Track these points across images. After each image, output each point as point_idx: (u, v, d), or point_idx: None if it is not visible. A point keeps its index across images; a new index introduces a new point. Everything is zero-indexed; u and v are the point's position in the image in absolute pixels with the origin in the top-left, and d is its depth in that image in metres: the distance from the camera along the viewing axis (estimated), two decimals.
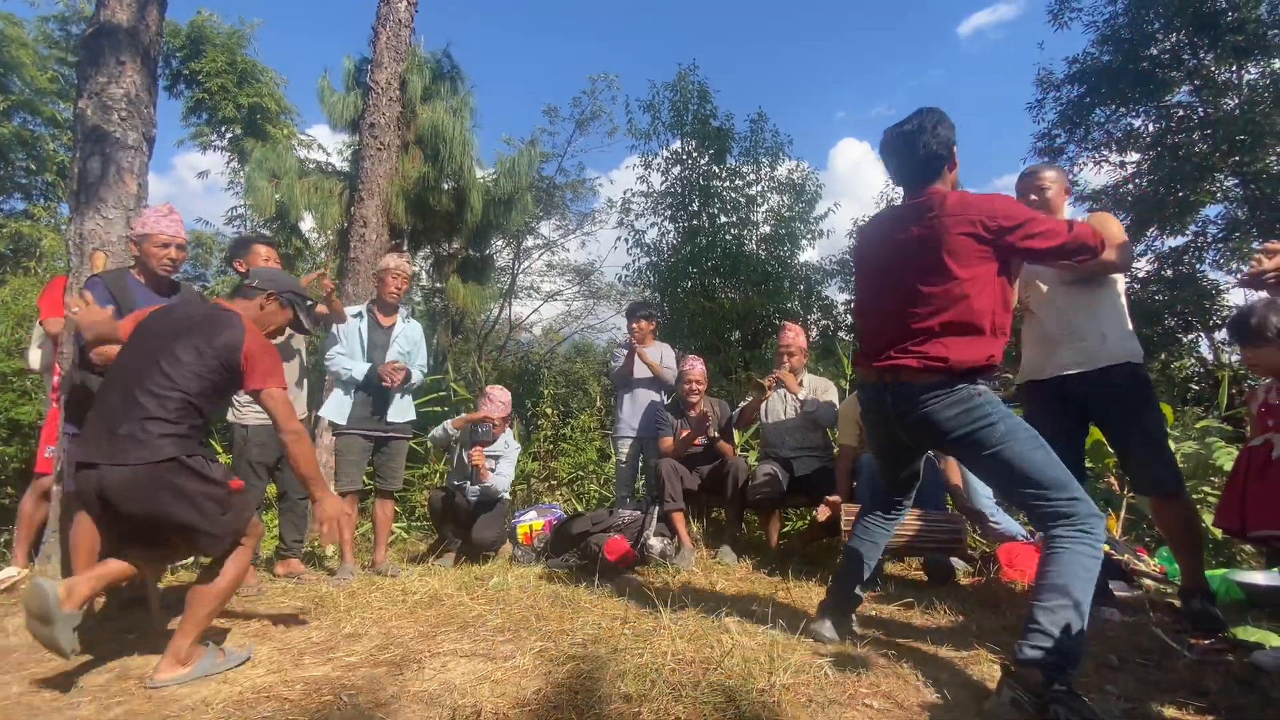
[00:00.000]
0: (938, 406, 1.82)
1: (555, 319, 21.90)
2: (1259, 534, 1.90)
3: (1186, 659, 2.00)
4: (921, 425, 1.88)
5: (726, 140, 9.35)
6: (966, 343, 1.81)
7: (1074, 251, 1.83)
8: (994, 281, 1.82)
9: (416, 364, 3.71)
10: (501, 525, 3.95)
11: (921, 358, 1.84)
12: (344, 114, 5.96)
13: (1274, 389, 1.94)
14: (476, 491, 3.81)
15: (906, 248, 1.92)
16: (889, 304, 1.97)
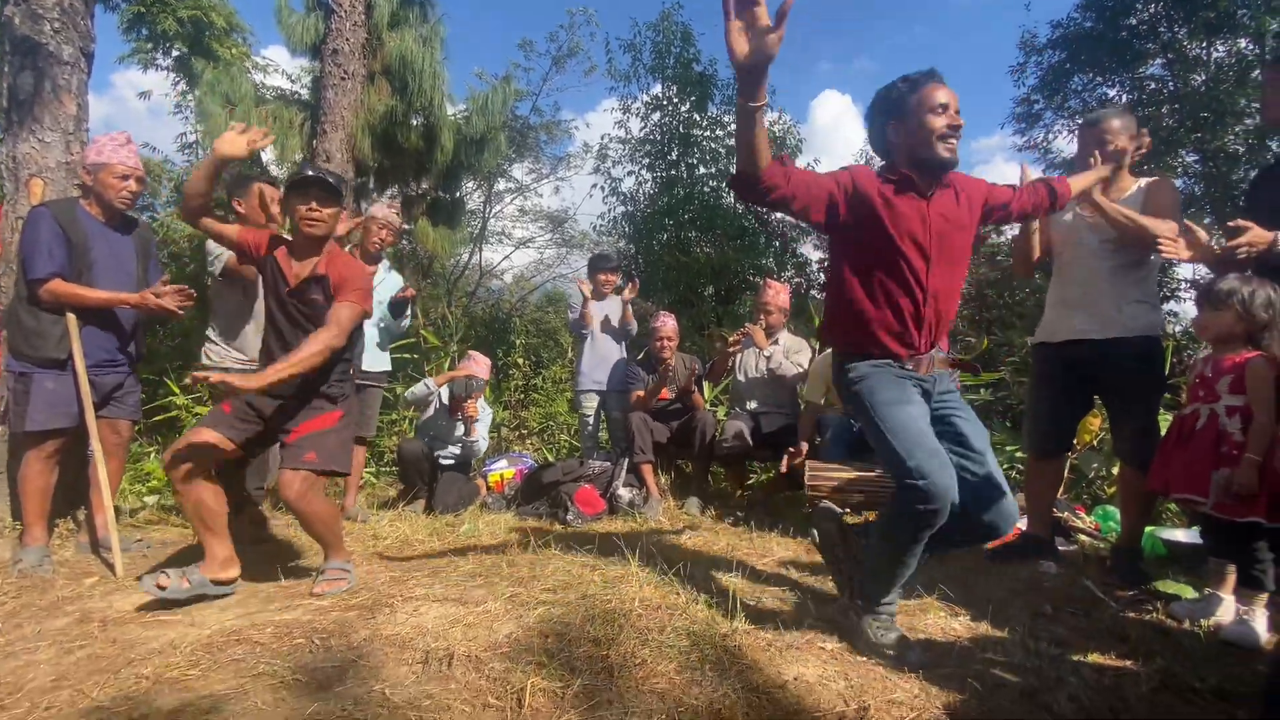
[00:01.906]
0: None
1: (527, 267, 21.55)
2: (1180, 496, 2.04)
3: (1112, 609, 2.18)
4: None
5: (709, 88, 9.12)
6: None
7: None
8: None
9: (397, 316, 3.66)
10: (463, 491, 3.98)
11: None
12: (304, 37, 5.59)
13: (1210, 362, 2.05)
14: (455, 453, 3.84)
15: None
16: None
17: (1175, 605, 2.10)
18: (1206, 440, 1.96)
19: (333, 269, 2.31)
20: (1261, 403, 1.88)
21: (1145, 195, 2.47)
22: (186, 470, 2.17)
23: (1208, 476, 1.93)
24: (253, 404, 2.28)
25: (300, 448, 2.27)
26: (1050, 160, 8.95)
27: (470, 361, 3.96)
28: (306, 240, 2.30)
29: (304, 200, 2.24)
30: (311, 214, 2.25)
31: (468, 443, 3.81)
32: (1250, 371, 1.91)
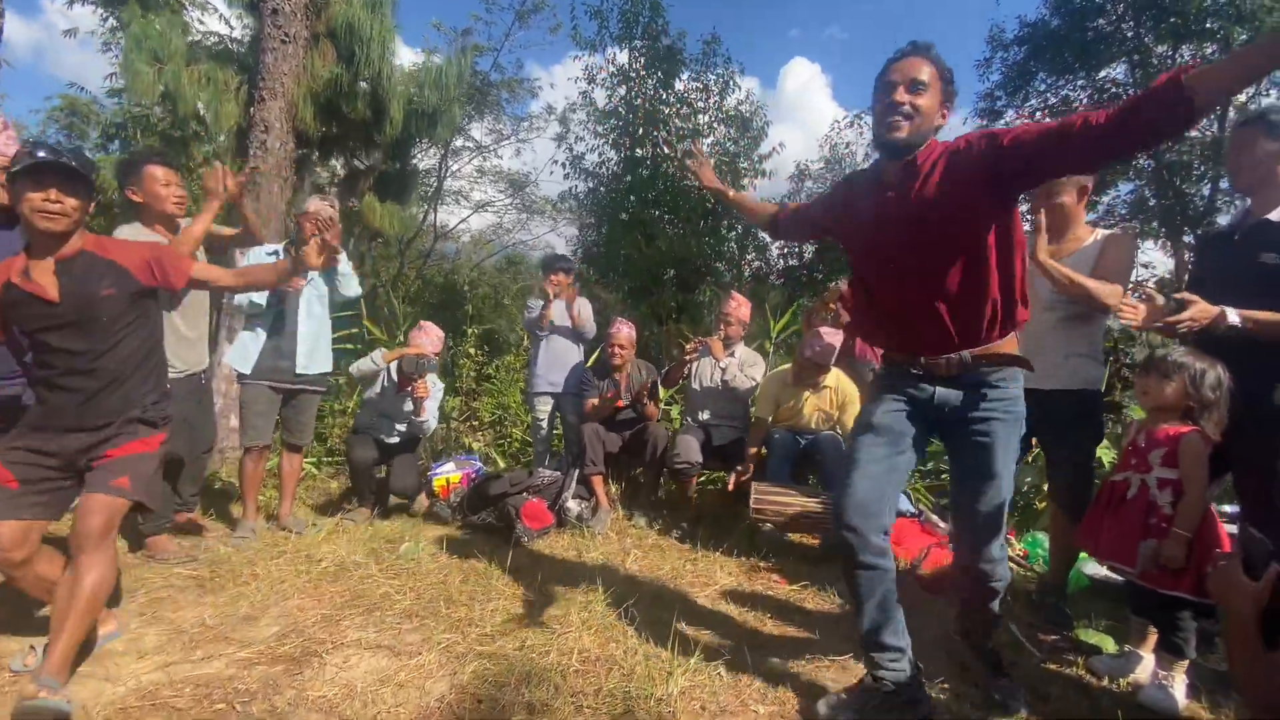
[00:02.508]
0: None
1: (485, 230, 20.94)
2: (1108, 563, 2.11)
3: (1036, 658, 2.26)
4: None
5: (676, 64, 8.82)
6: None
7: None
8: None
9: (337, 300, 3.46)
10: (419, 472, 3.91)
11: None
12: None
13: (1144, 431, 2.10)
14: (402, 430, 3.70)
15: None
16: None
17: (1095, 660, 2.19)
18: (1137, 510, 2.02)
19: (123, 254, 1.95)
20: (1194, 480, 1.93)
21: (1100, 250, 2.48)
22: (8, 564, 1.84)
23: (1136, 545, 1.99)
24: (44, 449, 1.88)
25: (111, 471, 1.88)
26: None
27: (420, 333, 3.78)
28: (46, 239, 1.84)
29: (39, 188, 1.78)
30: (50, 205, 1.79)
31: (416, 421, 3.69)
32: (1185, 448, 1.96)
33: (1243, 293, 2.04)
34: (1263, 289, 2.02)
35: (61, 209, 1.82)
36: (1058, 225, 2.59)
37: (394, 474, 3.73)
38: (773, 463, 3.54)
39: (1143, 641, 2.14)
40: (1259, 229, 2.09)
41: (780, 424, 3.66)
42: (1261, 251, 2.06)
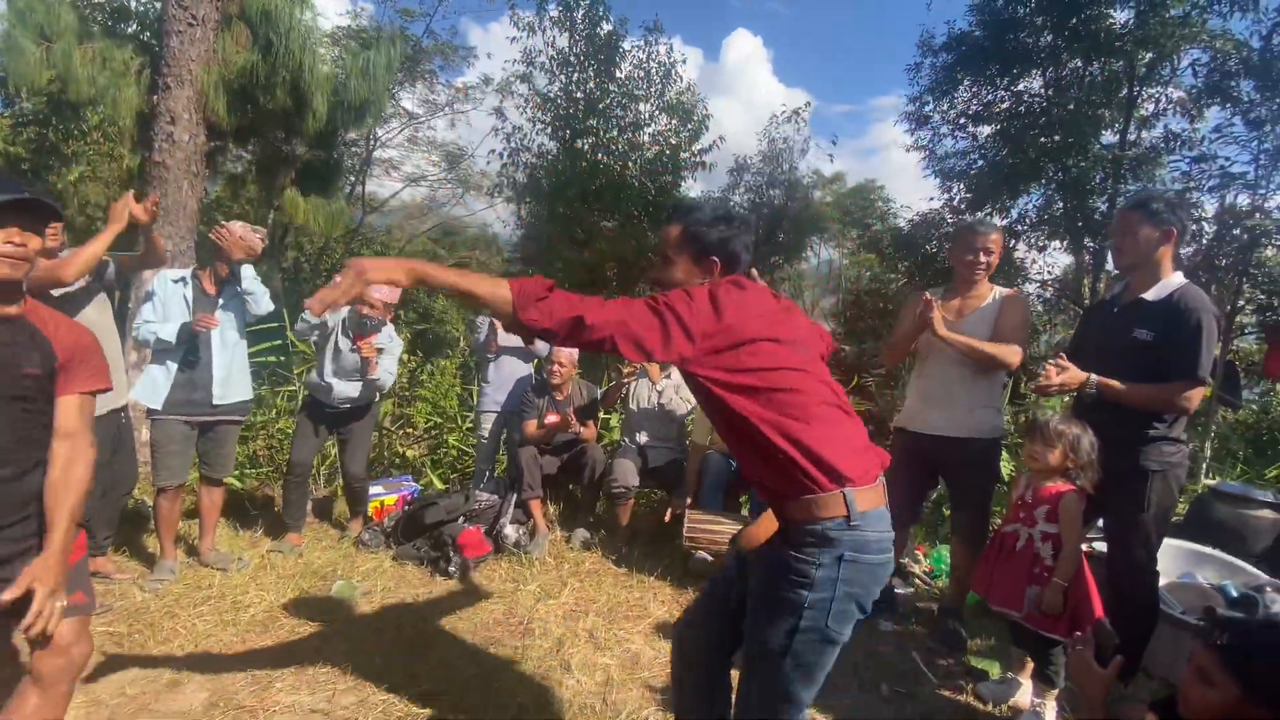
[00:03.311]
0: None
1: (421, 203, 20.15)
2: (997, 608, 2.36)
3: (933, 684, 2.51)
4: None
5: (616, 51, 8.68)
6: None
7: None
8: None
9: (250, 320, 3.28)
10: (368, 455, 3.84)
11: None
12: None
13: (1030, 487, 2.34)
14: (351, 396, 3.52)
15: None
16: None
17: (982, 686, 2.46)
18: (1024, 560, 2.26)
19: (56, 330, 1.63)
20: (1071, 536, 2.18)
21: (999, 309, 2.70)
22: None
23: (1022, 591, 2.23)
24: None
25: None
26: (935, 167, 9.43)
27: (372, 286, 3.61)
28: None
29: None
30: (14, 248, 1.50)
31: (368, 380, 3.49)
32: (1064, 508, 2.20)
33: (1116, 362, 2.29)
34: (1134, 360, 2.27)
35: (24, 253, 1.53)
36: (972, 281, 2.80)
37: (347, 455, 3.68)
38: (707, 486, 3.68)
39: (1022, 669, 2.42)
40: (1134, 306, 2.34)
41: (715, 447, 3.81)
42: (1135, 327, 2.29)
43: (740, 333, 1.38)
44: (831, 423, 1.42)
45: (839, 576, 1.36)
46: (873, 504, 1.40)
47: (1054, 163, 7.99)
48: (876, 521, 1.41)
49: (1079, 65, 8.41)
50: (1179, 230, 2.29)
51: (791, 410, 1.38)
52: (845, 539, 1.36)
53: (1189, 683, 1.42)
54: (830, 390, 1.48)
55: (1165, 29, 7.48)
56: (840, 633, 1.40)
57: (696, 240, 1.54)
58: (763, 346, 1.40)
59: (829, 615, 1.37)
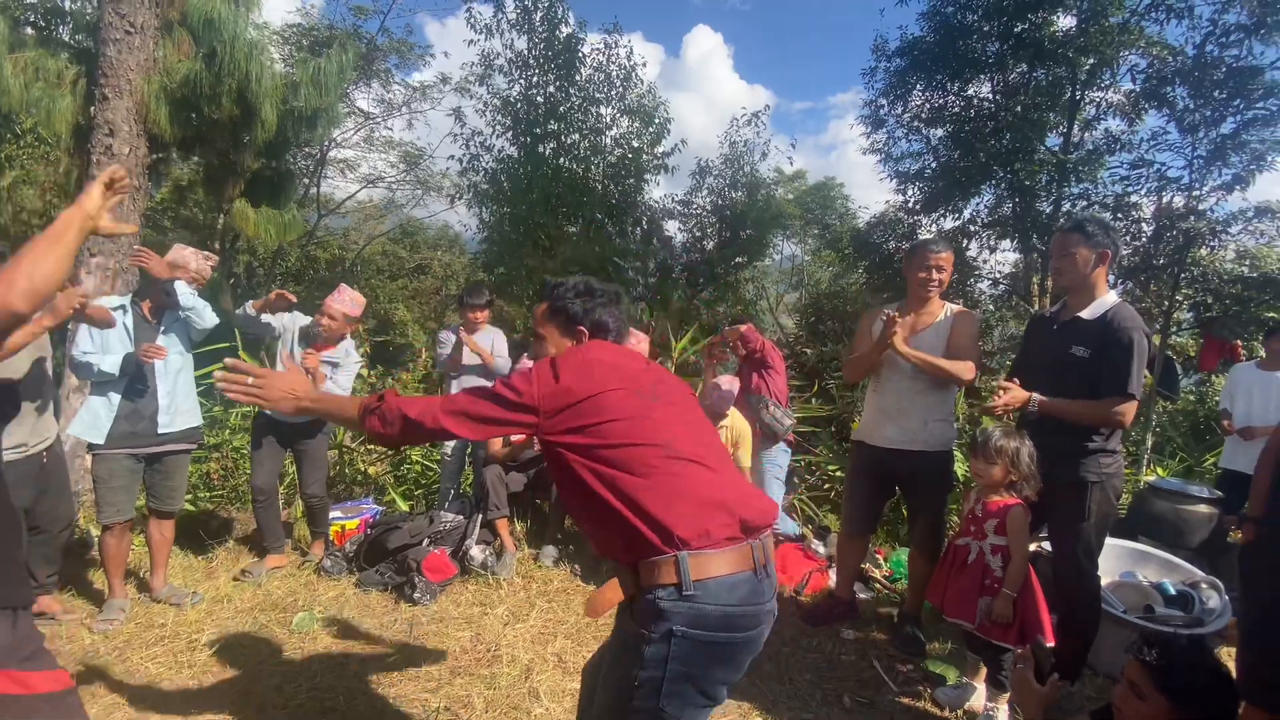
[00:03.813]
0: None
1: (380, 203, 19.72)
2: (952, 619, 2.44)
3: (894, 691, 2.59)
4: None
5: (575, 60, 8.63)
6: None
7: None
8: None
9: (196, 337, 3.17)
10: (327, 473, 3.76)
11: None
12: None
13: (980, 502, 2.43)
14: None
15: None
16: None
17: (939, 692, 2.55)
18: (975, 573, 2.35)
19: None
20: (1018, 549, 2.28)
21: (951, 325, 2.79)
22: None
23: (975, 603, 2.32)
24: None
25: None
26: (891, 169, 9.65)
27: (338, 294, 3.45)
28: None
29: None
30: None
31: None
32: (1010, 520, 2.30)
33: (1056, 376, 2.40)
34: (1071, 374, 2.38)
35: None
36: (924, 298, 2.88)
37: (304, 473, 3.59)
38: None
39: (976, 673, 2.52)
40: (1072, 325, 2.44)
41: None
42: (1073, 344, 2.40)
43: (580, 390, 1.37)
44: (677, 476, 1.32)
45: (669, 654, 1.24)
46: (721, 571, 1.25)
47: (1003, 166, 8.27)
48: (723, 592, 1.25)
49: (1025, 70, 8.71)
50: (1113, 252, 2.40)
51: (630, 465, 1.32)
52: (677, 611, 1.23)
53: (1122, 696, 1.51)
54: (688, 443, 1.40)
55: (1105, 36, 7.80)
56: (680, 712, 1.28)
57: (562, 312, 1.60)
58: (605, 400, 1.37)
59: (660, 696, 1.25)
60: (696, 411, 1.57)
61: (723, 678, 1.31)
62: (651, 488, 1.30)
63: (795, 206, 15.60)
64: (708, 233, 10.14)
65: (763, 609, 1.32)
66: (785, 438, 3.97)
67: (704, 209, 10.08)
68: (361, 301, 3.58)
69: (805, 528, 4.23)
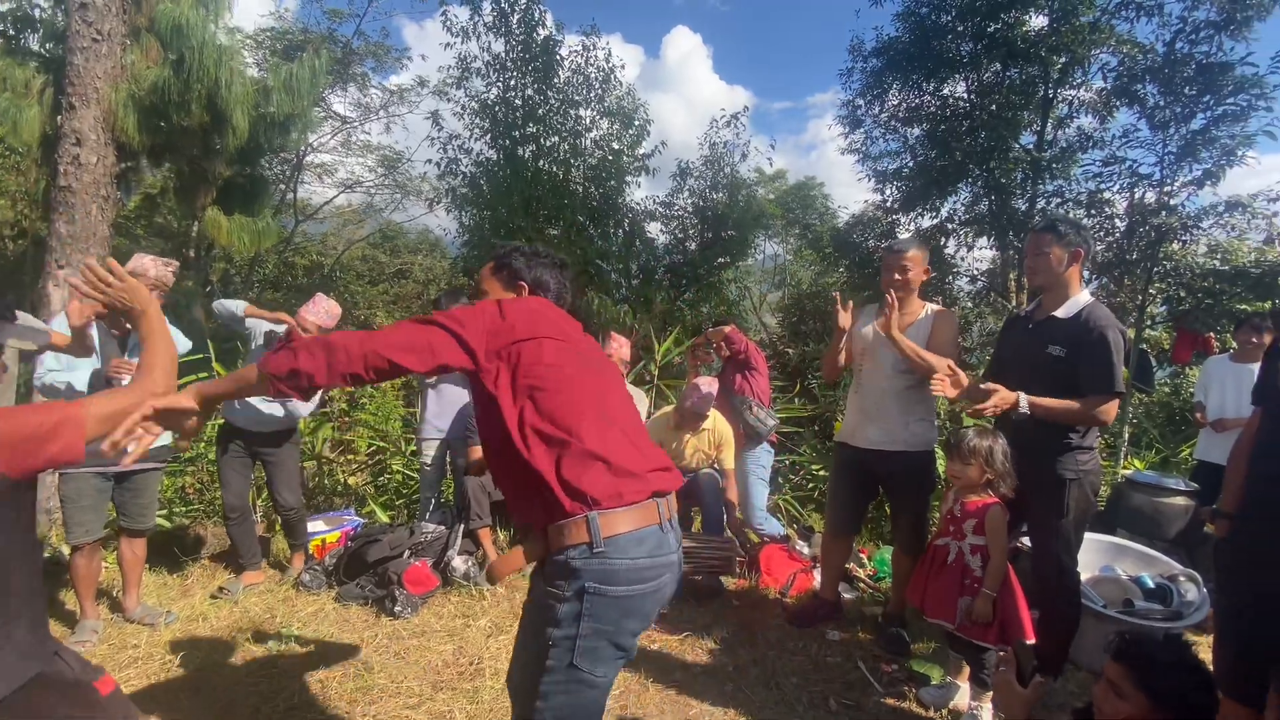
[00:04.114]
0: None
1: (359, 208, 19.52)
2: (933, 619, 2.45)
3: (879, 693, 2.60)
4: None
5: (553, 62, 8.58)
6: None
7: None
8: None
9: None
10: (301, 485, 3.66)
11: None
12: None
13: (959, 501, 2.44)
14: (274, 414, 3.32)
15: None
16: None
17: (924, 691, 2.56)
18: (954, 573, 2.36)
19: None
20: (996, 548, 2.29)
21: (931, 325, 2.81)
22: None
23: (955, 603, 2.33)
24: None
25: None
26: (869, 169, 9.72)
27: (311, 304, 3.38)
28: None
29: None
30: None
31: (283, 400, 3.21)
32: (989, 520, 2.31)
33: (1033, 375, 2.42)
34: (1048, 373, 2.40)
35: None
36: (900, 299, 2.89)
37: (277, 485, 3.51)
38: None
39: (960, 672, 2.52)
40: (1047, 324, 2.46)
41: None
42: (1049, 343, 2.42)
43: (522, 330, 1.39)
44: (598, 438, 1.35)
45: (582, 611, 1.27)
46: (627, 527, 1.30)
47: (978, 165, 8.36)
48: (630, 547, 1.30)
49: (999, 70, 8.81)
50: (1085, 250, 2.43)
51: (555, 416, 1.34)
52: (589, 569, 1.27)
53: (1102, 695, 1.51)
54: (616, 410, 1.44)
55: (1077, 35, 7.91)
56: (594, 673, 1.30)
57: (507, 268, 1.65)
58: (545, 346, 1.39)
59: (575, 654, 1.28)
60: (623, 387, 1.64)
61: (633, 628, 1.35)
62: (572, 445, 1.32)
63: (776, 206, 15.64)
64: (690, 234, 10.14)
65: (668, 560, 1.38)
66: (768, 438, 3.98)
67: (686, 210, 10.07)
68: (336, 312, 3.52)
69: (790, 528, 4.23)
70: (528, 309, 1.45)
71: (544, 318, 1.45)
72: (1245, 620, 1.83)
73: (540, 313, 1.46)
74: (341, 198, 18.24)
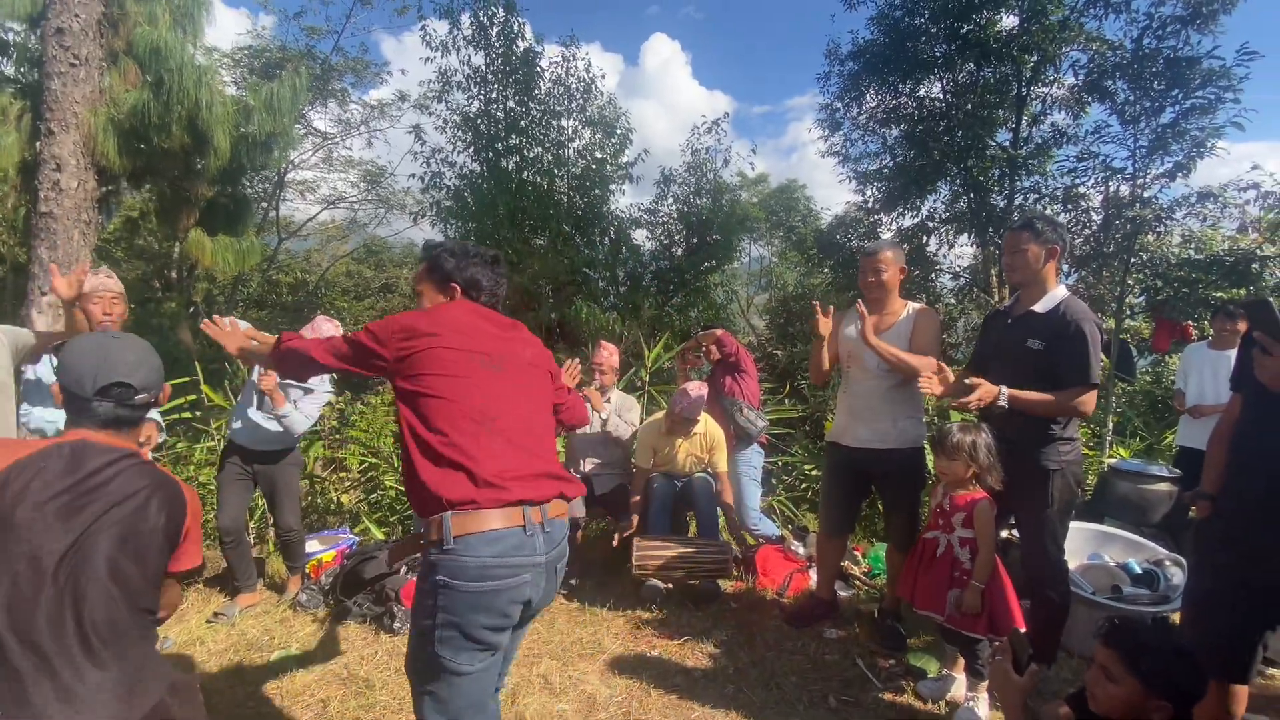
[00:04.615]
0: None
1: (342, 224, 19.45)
2: (922, 611, 2.49)
3: (878, 688, 2.63)
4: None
5: (533, 74, 8.64)
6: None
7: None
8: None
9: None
10: (300, 505, 3.66)
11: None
12: (17, 6, 4.30)
13: (948, 495, 2.49)
14: (277, 431, 3.30)
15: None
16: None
17: (921, 684, 2.60)
18: (944, 566, 2.40)
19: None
20: (985, 540, 2.33)
21: (913, 323, 2.86)
22: None
23: (944, 595, 2.37)
24: None
25: None
26: (850, 170, 9.84)
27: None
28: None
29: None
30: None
31: (279, 416, 3.27)
32: (977, 514, 2.35)
33: (1013, 368, 2.48)
34: (1027, 366, 2.45)
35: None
36: (879, 300, 2.95)
37: (277, 506, 3.50)
38: (654, 509, 3.72)
39: (955, 664, 2.57)
40: (1025, 319, 2.52)
41: (657, 469, 3.85)
42: (1028, 337, 2.48)
43: (418, 339, 1.53)
44: (475, 441, 1.46)
45: (436, 604, 1.40)
46: (480, 528, 1.40)
47: (956, 163, 8.50)
48: (481, 547, 1.39)
49: (973, 70, 8.97)
50: (1062, 248, 2.49)
51: (434, 419, 1.47)
52: (442, 564, 1.40)
53: (1094, 679, 1.55)
54: (509, 417, 1.54)
55: (1047, 33, 8.08)
56: (455, 661, 1.40)
57: (438, 269, 1.75)
58: (436, 353, 1.52)
59: (434, 643, 1.40)
60: (537, 392, 1.71)
61: (487, 623, 1.42)
62: (443, 451, 1.45)
63: (760, 210, 15.76)
64: (675, 240, 10.21)
65: (528, 561, 1.46)
66: (759, 439, 4.01)
67: (670, 216, 10.15)
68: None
69: (785, 529, 4.26)
70: (429, 316, 1.59)
71: (445, 322, 1.58)
72: (1224, 599, 1.87)
73: (442, 318, 1.59)
74: (325, 214, 18.18)
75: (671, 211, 10.11)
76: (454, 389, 1.50)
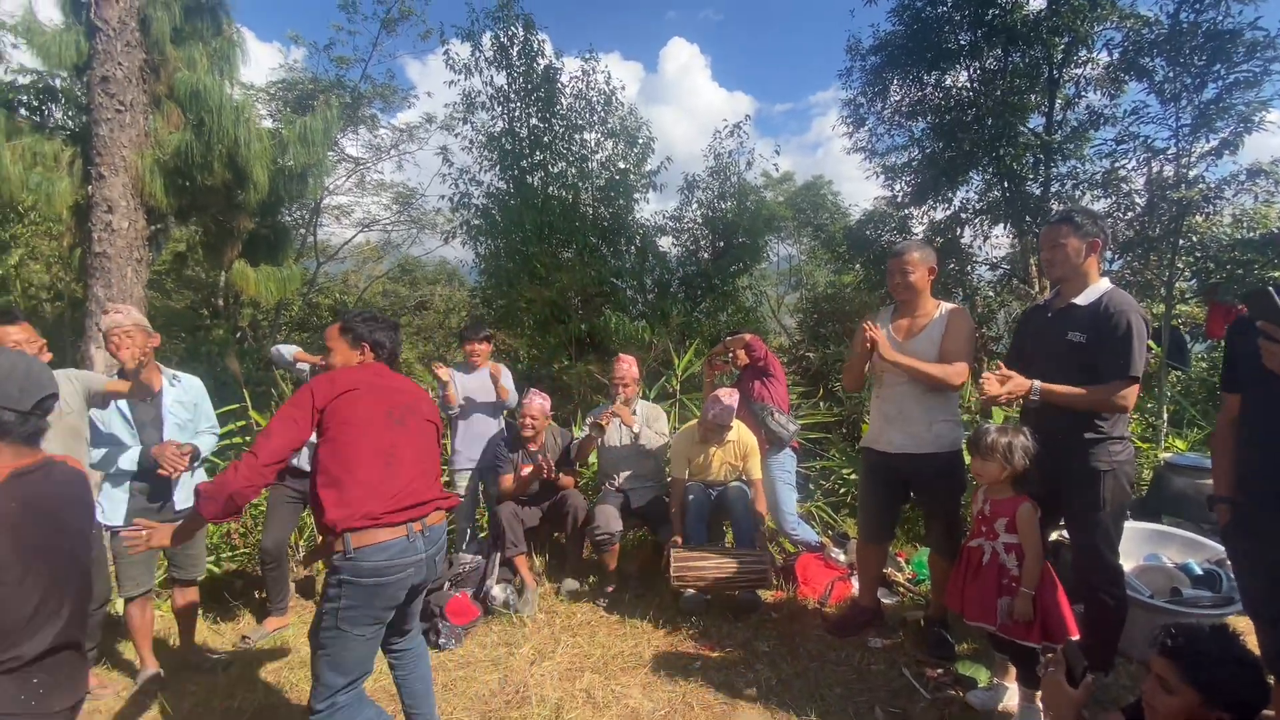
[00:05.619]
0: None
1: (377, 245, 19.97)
2: (973, 623, 2.42)
3: (925, 699, 2.57)
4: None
5: (555, 90, 8.76)
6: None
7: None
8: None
9: (203, 430, 3.22)
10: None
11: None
12: (63, 56, 4.56)
13: (989, 500, 2.42)
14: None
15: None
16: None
17: (971, 695, 2.53)
18: (991, 574, 2.34)
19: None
20: (1031, 545, 2.27)
21: (945, 325, 2.80)
22: None
23: (994, 604, 2.31)
24: None
25: None
26: (877, 164, 9.68)
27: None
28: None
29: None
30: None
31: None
32: (1020, 518, 2.29)
33: (1053, 362, 2.41)
34: (1069, 360, 2.38)
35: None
36: (909, 301, 2.90)
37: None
38: (690, 519, 3.71)
39: (1006, 673, 2.49)
40: (1067, 311, 2.45)
41: (692, 478, 3.85)
42: (1069, 330, 2.41)
43: (322, 401, 1.99)
44: (363, 478, 1.94)
45: (340, 594, 1.90)
46: (374, 540, 1.90)
47: (986, 152, 8.29)
48: (374, 554, 1.90)
49: (1000, 56, 8.76)
50: (1103, 240, 2.41)
51: (338, 459, 1.95)
52: (345, 566, 1.89)
53: (1151, 691, 1.50)
54: (397, 447, 2.02)
55: (1076, 13, 7.84)
56: (354, 630, 1.91)
57: (350, 332, 2.25)
58: (339, 405, 1.98)
59: (338, 618, 1.90)
60: (429, 441, 2.18)
61: (381, 604, 1.95)
62: (345, 483, 1.93)
63: (787, 209, 15.63)
64: (701, 244, 10.20)
65: (412, 560, 1.98)
66: (790, 444, 3.97)
67: (695, 221, 10.14)
68: None
69: (824, 535, 4.20)
70: (325, 382, 2.02)
71: (351, 383, 2.04)
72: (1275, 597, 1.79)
73: (337, 381, 2.03)
74: (360, 237, 18.69)
75: (696, 217, 10.11)
76: (352, 434, 1.97)
